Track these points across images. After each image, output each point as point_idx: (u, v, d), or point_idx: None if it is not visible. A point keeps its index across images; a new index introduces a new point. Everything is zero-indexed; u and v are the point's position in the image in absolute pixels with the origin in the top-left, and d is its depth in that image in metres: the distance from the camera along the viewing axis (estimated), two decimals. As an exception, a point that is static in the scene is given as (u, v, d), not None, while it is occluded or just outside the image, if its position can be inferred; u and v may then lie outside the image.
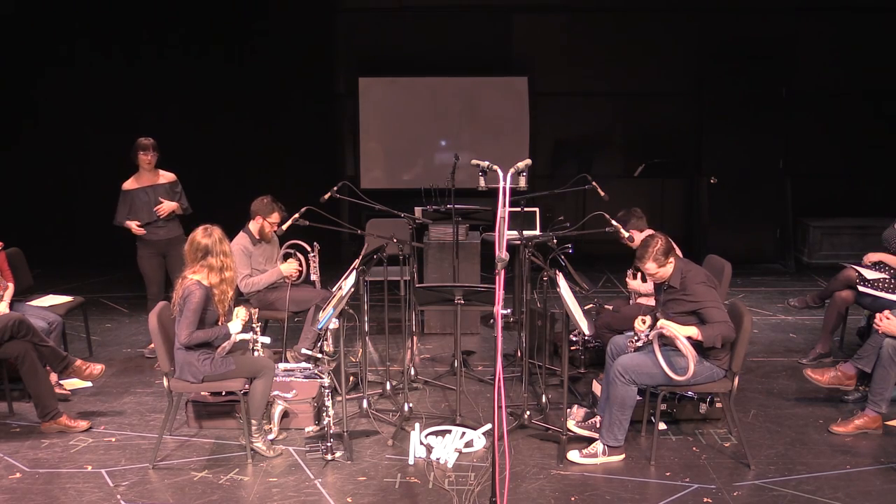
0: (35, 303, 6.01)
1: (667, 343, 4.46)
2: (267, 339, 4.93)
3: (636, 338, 4.63)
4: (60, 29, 9.52)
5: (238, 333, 4.71)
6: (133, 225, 6.27)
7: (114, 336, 7.10)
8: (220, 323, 4.66)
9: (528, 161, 3.72)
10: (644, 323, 4.65)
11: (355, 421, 5.12)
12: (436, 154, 9.98)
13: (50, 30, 9.52)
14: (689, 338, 4.38)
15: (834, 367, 5.31)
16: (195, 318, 4.49)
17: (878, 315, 4.88)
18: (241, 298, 6.02)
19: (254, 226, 6.01)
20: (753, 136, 9.57)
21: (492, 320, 6.69)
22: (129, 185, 6.35)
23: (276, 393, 4.96)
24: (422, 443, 4.69)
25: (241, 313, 4.77)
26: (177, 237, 6.36)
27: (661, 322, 4.46)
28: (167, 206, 6.31)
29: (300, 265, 6.06)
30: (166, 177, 6.44)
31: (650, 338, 4.51)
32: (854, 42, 9.77)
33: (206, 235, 4.64)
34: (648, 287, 5.54)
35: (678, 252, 4.76)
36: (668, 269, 4.59)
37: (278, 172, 9.47)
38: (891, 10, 9.60)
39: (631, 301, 5.76)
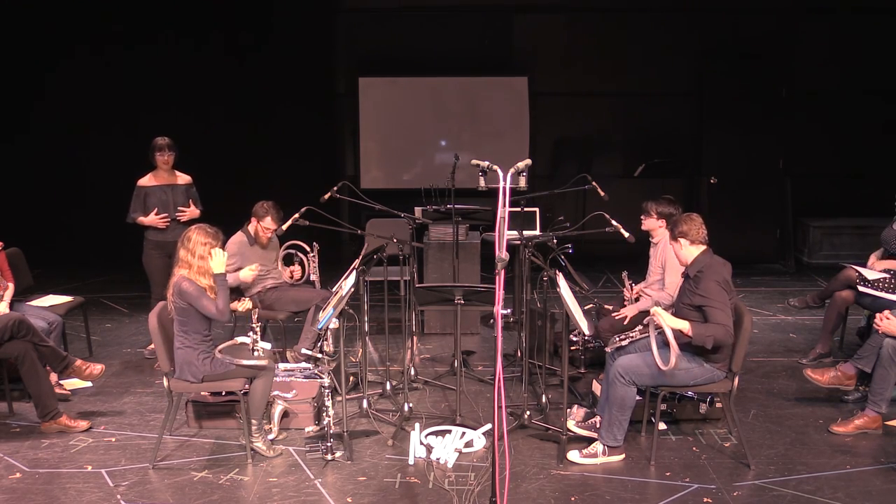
0: (35, 303, 6.01)
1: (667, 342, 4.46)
2: (268, 345, 4.93)
3: (622, 335, 4.67)
4: (60, 29, 9.51)
5: (239, 338, 4.74)
6: (149, 220, 6.21)
7: (114, 336, 7.10)
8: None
9: (528, 161, 3.71)
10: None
11: (355, 421, 5.12)
12: (436, 154, 9.98)
13: (50, 30, 9.51)
14: (681, 332, 4.40)
15: (834, 367, 5.31)
16: (206, 299, 4.52)
17: (878, 315, 4.87)
18: (242, 297, 6.02)
19: (251, 227, 6.02)
20: (753, 136, 9.57)
21: (492, 320, 6.70)
22: (144, 181, 6.31)
23: (276, 393, 4.96)
24: (422, 443, 4.69)
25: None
26: None
27: (654, 309, 4.47)
28: (190, 213, 6.29)
29: (258, 270, 5.94)
30: (183, 178, 6.42)
31: (641, 332, 4.53)
32: (853, 42, 9.78)
33: (190, 229, 4.70)
34: (642, 305, 5.53)
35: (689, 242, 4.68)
36: (677, 245, 4.62)
37: (278, 172, 9.47)
38: (890, 11, 9.60)
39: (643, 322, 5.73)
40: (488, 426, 4.81)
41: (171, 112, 9.25)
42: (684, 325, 4.40)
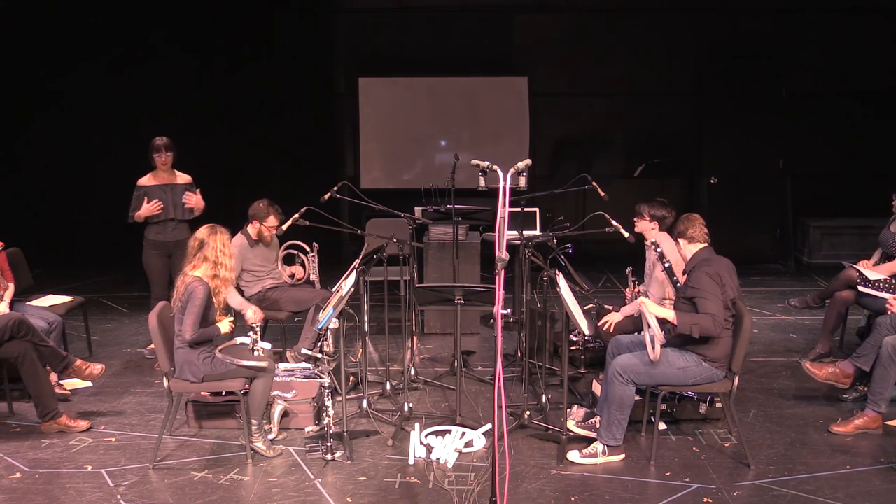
0: (35, 303, 6.01)
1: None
2: (267, 346, 4.93)
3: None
4: (66, 34, 9.50)
5: (239, 338, 4.75)
6: (151, 208, 6.19)
7: (114, 336, 7.10)
8: (217, 319, 4.69)
9: (528, 161, 3.72)
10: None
11: (355, 421, 5.12)
12: (436, 154, 9.98)
13: (56, 36, 9.50)
14: (667, 321, 4.44)
15: (833, 364, 5.32)
16: (200, 314, 4.52)
17: (890, 297, 4.89)
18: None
19: (251, 229, 6.02)
20: (753, 136, 9.57)
21: (492, 320, 6.70)
22: (144, 181, 6.30)
23: (276, 393, 4.96)
24: (422, 443, 4.69)
25: (226, 324, 4.82)
26: (184, 239, 6.29)
27: (640, 299, 4.51)
28: (197, 202, 6.31)
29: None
30: (183, 178, 6.41)
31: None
32: (853, 42, 9.77)
33: (207, 229, 4.73)
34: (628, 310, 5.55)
35: (689, 241, 4.72)
36: (678, 244, 4.71)
37: (278, 172, 9.47)
38: (890, 11, 9.60)
39: (635, 313, 5.74)
40: (488, 426, 4.81)
41: (172, 113, 9.25)
42: (669, 314, 4.44)
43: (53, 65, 9.56)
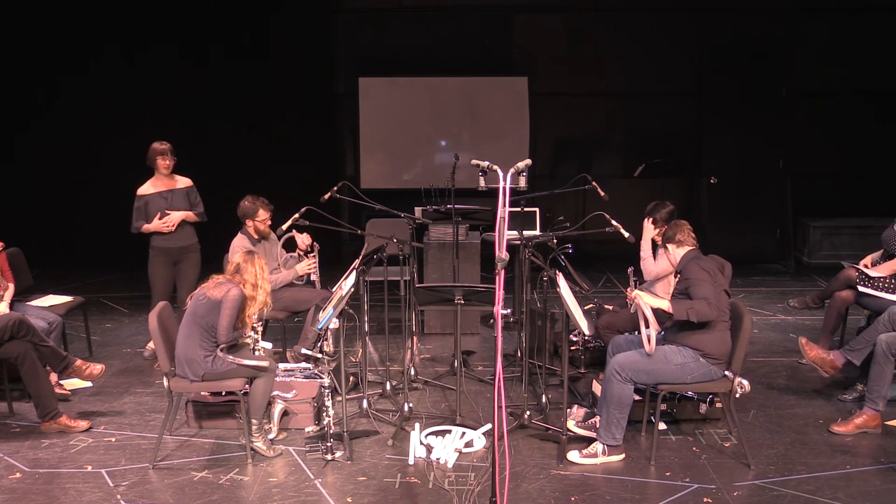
0: (35, 303, 6.01)
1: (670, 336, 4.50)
2: (268, 345, 4.93)
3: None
4: (66, 36, 9.50)
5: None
6: (153, 225, 6.12)
7: (114, 336, 7.10)
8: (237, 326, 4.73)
9: (528, 161, 3.72)
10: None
11: (355, 421, 5.12)
12: (436, 154, 9.98)
13: (56, 36, 9.50)
14: (662, 311, 4.47)
15: (827, 351, 5.34)
16: (235, 316, 4.56)
17: None
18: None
19: (249, 229, 6.01)
20: (753, 136, 9.57)
21: (492, 320, 6.70)
22: (144, 189, 6.19)
23: (276, 393, 4.96)
24: (422, 443, 4.69)
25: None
26: (191, 245, 6.25)
27: (635, 292, 4.54)
28: (176, 217, 6.14)
29: (312, 259, 6.03)
30: (183, 182, 6.30)
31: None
32: (854, 42, 9.78)
33: (245, 254, 4.79)
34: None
35: (684, 243, 4.76)
36: (667, 251, 4.78)
37: (278, 172, 9.47)
38: (890, 11, 9.60)
39: (631, 309, 5.75)
40: (488, 426, 4.81)
41: (172, 114, 9.26)
42: (664, 304, 4.46)
43: (53, 65, 9.56)
